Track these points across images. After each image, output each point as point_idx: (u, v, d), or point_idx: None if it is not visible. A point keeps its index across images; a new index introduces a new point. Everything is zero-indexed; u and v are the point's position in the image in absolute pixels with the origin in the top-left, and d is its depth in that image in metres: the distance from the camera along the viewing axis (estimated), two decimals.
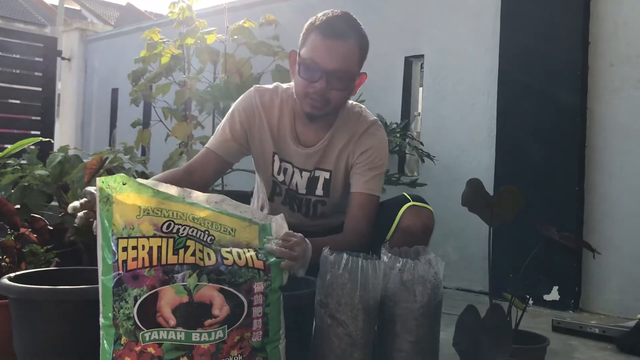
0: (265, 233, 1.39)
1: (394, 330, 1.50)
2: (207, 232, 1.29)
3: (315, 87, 1.69)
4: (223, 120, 1.89)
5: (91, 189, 1.35)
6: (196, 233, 1.27)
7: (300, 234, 1.44)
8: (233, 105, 1.90)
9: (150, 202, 1.26)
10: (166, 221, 1.25)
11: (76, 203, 1.57)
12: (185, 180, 1.72)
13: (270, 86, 1.90)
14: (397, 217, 1.75)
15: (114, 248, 1.21)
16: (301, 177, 1.87)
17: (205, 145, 1.89)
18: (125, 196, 1.25)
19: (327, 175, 1.86)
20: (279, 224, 1.43)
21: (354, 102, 1.94)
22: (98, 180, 1.26)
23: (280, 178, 1.89)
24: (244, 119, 1.85)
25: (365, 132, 1.84)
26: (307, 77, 1.70)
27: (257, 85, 1.91)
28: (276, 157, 1.87)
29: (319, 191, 1.88)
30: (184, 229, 1.26)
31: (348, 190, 1.86)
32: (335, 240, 1.68)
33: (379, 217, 1.81)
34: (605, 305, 2.89)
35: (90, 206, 1.50)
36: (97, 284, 1.25)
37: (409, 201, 1.77)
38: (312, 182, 1.87)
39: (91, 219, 1.45)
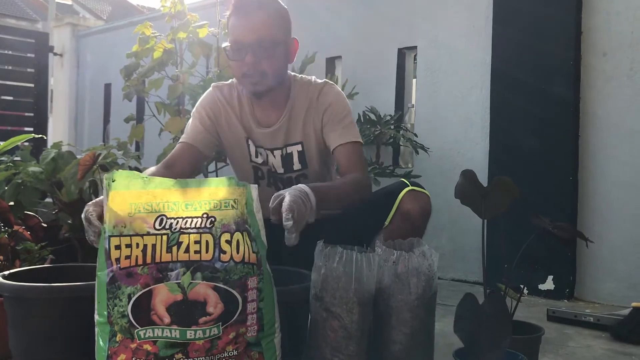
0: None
1: (389, 322, 1.50)
2: (205, 216, 1.26)
3: (247, 65, 1.76)
4: (190, 120, 1.95)
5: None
6: (191, 223, 1.26)
7: (283, 194, 1.43)
8: (196, 105, 1.96)
9: (140, 198, 1.25)
10: (158, 216, 1.24)
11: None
12: (166, 175, 1.73)
13: (227, 82, 1.98)
14: (396, 201, 1.78)
15: (106, 246, 1.21)
16: (274, 157, 1.92)
17: (180, 140, 1.94)
18: (115, 194, 1.24)
19: (299, 147, 1.91)
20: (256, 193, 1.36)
21: (305, 75, 1.99)
22: (105, 176, 1.28)
23: (260, 160, 1.94)
24: (210, 114, 1.92)
25: (320, 94, 1.89)
26: (236, 57, 1.78)
27: (215, 83, 1.99)
28: (250, 142, 1.92)
29: (297, 165, 1.92)
30: (177, 222, 1.25)
31: (325, 159, 1.93)
32: (336, 186, 1.77)
33: (377, 202, 1.84)
34: (600, 294, 2.90)
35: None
36: (92, 280, 1.25)
37: (408, 186, 1.80)
38: (287, 159, 1.92)
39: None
